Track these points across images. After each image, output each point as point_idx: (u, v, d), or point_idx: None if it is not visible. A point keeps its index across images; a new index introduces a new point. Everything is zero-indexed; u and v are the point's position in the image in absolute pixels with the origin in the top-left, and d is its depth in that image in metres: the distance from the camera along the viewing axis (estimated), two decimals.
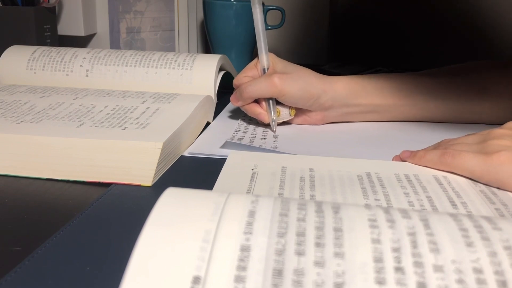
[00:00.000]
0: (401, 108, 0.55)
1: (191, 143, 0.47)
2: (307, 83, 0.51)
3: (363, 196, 0.35)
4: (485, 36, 0.88)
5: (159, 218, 0.20)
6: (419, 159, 0.41)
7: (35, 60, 0.60)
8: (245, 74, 0.53)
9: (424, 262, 0.18)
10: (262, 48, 0.53)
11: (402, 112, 0.55)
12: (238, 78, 0.54)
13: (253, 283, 0.17)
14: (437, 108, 0.55)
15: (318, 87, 0.51)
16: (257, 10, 0.53)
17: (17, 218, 0.32)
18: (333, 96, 0.52)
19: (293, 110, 0.53)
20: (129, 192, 0.36)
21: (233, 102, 0.53)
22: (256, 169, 0.40)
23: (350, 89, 0.53)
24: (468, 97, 0.55)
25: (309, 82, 0.51)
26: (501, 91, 0.55)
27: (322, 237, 0.19)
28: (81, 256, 0.27)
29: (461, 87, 0.55)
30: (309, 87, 0.51)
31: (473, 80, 0.55)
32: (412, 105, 0.55)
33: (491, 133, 0.40)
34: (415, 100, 0.54)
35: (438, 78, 0.55)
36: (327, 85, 0.52)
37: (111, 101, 0.50)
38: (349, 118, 0.55)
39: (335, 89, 0.52)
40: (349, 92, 0.53)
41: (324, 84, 0.52)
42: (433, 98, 0.55)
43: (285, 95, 0.50)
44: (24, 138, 0.40)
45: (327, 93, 0.51)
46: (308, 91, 0.51)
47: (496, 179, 0.37)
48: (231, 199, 0.22)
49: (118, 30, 0.84)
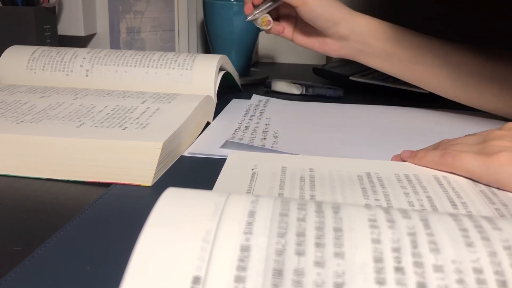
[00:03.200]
0: (414, 65, 0.54)
1: (191, 143, 0.47)
2: (332, 5, 0.52)
3: (363, 196, 0.35)
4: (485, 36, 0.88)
5: (159, 218, 0.20)
6: (419, 160, 0.41)
7: (35, 60, 0.60)
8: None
9: (424, 262, 0.18)
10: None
11: (413, 70, 0.55)
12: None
13: (253, 283, 0.17)
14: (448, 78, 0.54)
15: (342, 11, 0.52)
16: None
17: (17, 218, 0.32)
18: (351, 27, 0.53)
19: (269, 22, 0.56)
20: (129, 192, 0.36)
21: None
22: (256, 169, 0.40)
23: (370, 27, 0.53)
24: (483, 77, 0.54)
25: (334, 4, 0.52)
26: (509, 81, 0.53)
27: (322, 237, 0.19)
28: (81, 256, 0.27)
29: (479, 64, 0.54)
30: (333, 8, 0.52)
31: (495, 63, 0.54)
32: (425, 64, 0.54)
33: (491, 134, 0.40)
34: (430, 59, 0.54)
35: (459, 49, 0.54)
36: (350, 15, 0.53)
37: (111, 101, 0.50)
38: (361, 58, 0.56)
39: (356, 21, 0.53)
40: (368, 30, 0.53)
41: (347, 13, 0.53)
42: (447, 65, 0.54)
43: (307, 5, 0.51)
44: (24, 138, 0.40)
45: (347, 21, 0.52)
46: (330, 11, 0.52)
47: (496, 180, 0.37)
48: (231, 199, 0.22)
49: (118, 30, 0.84)
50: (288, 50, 1.01)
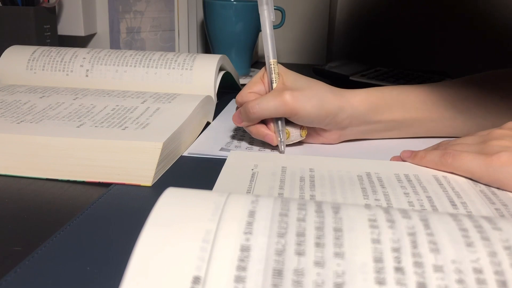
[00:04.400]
0: (426, 124, 0.49)
1: (191, 143, 0.47)
2: (323, 100, 0.44)
3: (363, 196, 0.35)
4: (486, 36, 0.88)
5: (159, 218, 0.20)
6: (419, 160, 0.41)
7: (35, 60, 0.60)
8: (250, 89, 0.46)
9: (424, 262, 0.18)
10: (270, 54, 0.46)
11: (427, 128, 0.49)
12: (242, 95, 0.46)
13: (253, 283, 0.17)
14: (464, 124, 0.49)
15: (335, 103, 0.44)
16: (265, 11, 0.46)
17: (17, 218, 0.32)
18: (351, 114, 0.45)
19: (304, 130, 0.46)
20: (129, 192, 0.36)
21: (236, 122, 0.46)
22: (256, 169, 0.40)
23: (370, 104, 0.46)
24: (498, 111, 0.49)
25: (325, 98, 0.44)
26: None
27: (322, 237, 0.19)
28: (81, 256, 0.27)
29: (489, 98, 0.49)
30: (325, 104, 0.44)
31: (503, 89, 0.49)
32: (438, 120, 0.49)
33: (491, 134, 0.40)
34: (441, 114, 0.48)
35: (465, 90, 0.49)
36: (344, 101, 0.45)
37: (111, 101, 0.50)
38: (367, 136, 0.49)
39: (353, 105, 0.45)
40: (369, 108, 0.46)
41: (340, 100, 0.45)
42: (460, 113, 0.49)
43: (298, 115, 0.43)
44: (24, 138, 0.40)
45: (344, 110, 0.45)
46: (324, 109, 0.44)
47: (497, 180, 0.37)
48: (231, 199, 0.22)
49: (118, 30, 0.84)
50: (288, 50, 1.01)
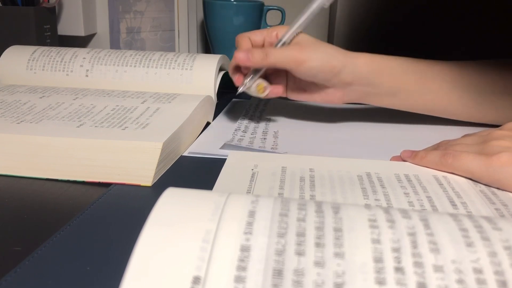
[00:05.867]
0: (424, 95, 0.51)
1: (191, 143, 0.47)
2: (328, 54, 0.48)
3: (363, 196, 0.35)
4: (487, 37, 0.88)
5: (159, 218, 0.20)
6: (420, 160, 0.41)
7: (35, 60, 0.60)
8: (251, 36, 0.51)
9: (424, 262, 0.18)
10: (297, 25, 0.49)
11: (424, 101, 0.52)
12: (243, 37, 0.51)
13: (253, 283, 0.17)
14: (460, 100, 0.51)
15: (340, 60, 0.48)
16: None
17: (17, 218, 0.32)
18: (353, 71, 0.48)
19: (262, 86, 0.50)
20: (129, 192, 0.36)
21: (242, 61, 0.48)
22: (256, 169, 0.40)
23: (373, 65, 0.49)
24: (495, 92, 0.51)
25: (330, 53, 0.48)
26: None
27: (322, 237, 0.19)
28: (81, 256, 0.27)
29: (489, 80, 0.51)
30: (331, 59, 0.47)
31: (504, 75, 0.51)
32: (436, 92, 0.51)
33: (491, 134, 0.40)
34: (439, 86, 0.51)
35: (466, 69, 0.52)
36: (348, 58, 0.48)
37: (111, 101, 0.50)
38: (368, 100, 0.52)
39: (356, 64, 0.48)
40: (372, 69, 0.49)
41: (345, 58, 0.48)
42: (458, 88, 0.51)
43: (303, 65, 0.47)
44: (24, 138, 0.40)
45: (347, 67, 0.48)
46: (329, 62, 0.47)
47: (497, 180, 0.37)
48: (231, 199, 0.22)
49: (118, 30, 0.84)
50: None
